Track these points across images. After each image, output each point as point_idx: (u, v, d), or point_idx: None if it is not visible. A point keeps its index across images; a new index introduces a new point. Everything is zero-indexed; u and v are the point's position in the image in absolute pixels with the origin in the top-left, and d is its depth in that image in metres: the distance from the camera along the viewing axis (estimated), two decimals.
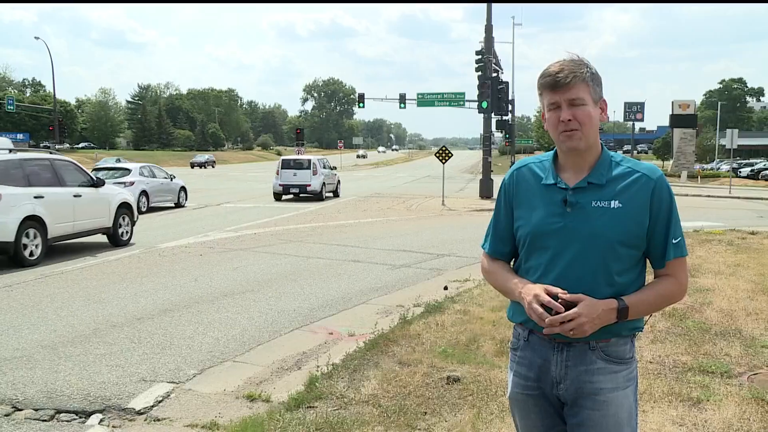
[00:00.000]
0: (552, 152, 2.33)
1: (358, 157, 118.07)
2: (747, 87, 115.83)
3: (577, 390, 2.21)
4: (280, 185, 26.73)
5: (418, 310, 7.47)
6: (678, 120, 52.38)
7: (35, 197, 11.08)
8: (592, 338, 2.16)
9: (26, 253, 10.77)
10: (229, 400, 5.02)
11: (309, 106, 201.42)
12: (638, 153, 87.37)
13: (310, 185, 26.52)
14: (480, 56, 29.96)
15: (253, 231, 15.87)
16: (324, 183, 27.43)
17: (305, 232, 15.93)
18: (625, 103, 57.70)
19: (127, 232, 13.83)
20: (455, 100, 42.19)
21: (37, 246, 11.01)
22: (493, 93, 29.04)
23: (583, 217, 2.15)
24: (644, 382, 4.90)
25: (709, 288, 8.31)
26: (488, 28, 30.18)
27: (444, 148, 25.90)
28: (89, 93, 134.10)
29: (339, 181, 30.34)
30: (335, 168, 30.83)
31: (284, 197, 26.97)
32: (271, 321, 7.45)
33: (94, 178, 13.19)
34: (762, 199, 30.82)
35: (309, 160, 27.31)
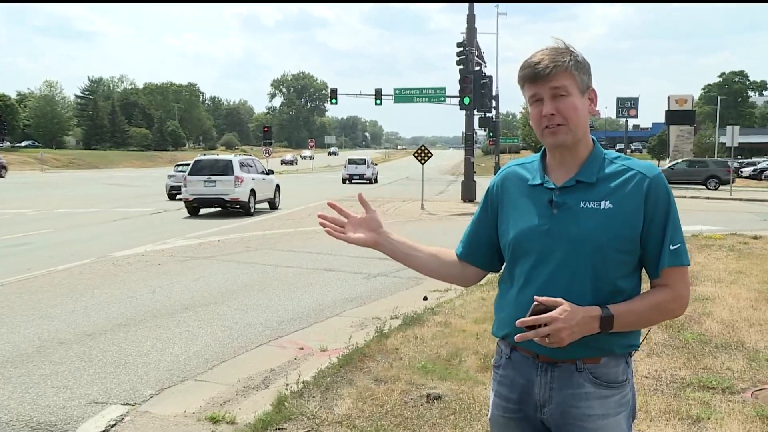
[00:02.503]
0: (540, 152, 2.31)
1: (329, 155, 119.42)
2: (749, 80, 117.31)
3: (562, 415, 2.15)
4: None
5: (396, 323, 7.47)
6: (674, 116, 53.14)
7: (252, 179, 22.48)
8: (577, 356, 2.11)
9: (250, 207, 21.97)
10: (190, 422, 4.97)
11: (277, 102, 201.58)
12: (632, 152, 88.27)
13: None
14: (461, 48, 30.06)
15: (217, 238, 15.78)
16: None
17: (273, 238, 15.88)
18: (618, 99, 58.34)
19: (278, 202, 25.03)
20: (435, 95, 42.38)
21: (253, 205, 22.25)
22: (476, 88, 29.17)
23: (570, 219, 2.11)
24: (640, 399, 4.93)
25: (708, 297, 8.40)
26: (470, 18, 30.36)
27: (423, 148, 25.96)
28: (33, 86, 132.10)
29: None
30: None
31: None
32: (237, 335, 7.42)
33: (267, 170, 25.13)
34: (765, 201, 31.24)
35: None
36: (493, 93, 38.99)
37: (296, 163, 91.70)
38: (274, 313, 8.46)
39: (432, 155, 26.22)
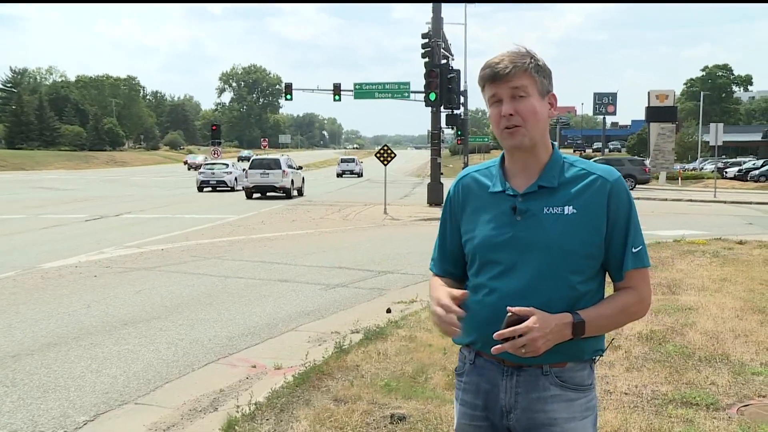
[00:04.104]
0: (499, 157, 2.43)
1: (239, 159, 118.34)
2: (733, 75, 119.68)
3: (529, 420, 2.28)
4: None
5: (357, 337, 7.47)
6: (655, 113, 53.89)
7: (291, 173, 34.01)
8: (545, 361, 2.24)
9: (292, 192, 33.64)
10: None
11: (226, 97, 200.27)
12: (610, 151, 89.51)
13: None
14: (427, 40, 30.16)
15: (160, 246, 15.62)
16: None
17: (223, 247, 15.79)
18: (595, 94, 59.33)
19: (304, 190, 35.85)
20: (398, 91, 42.56)
21: (291, 190, 33.46)
22: (443, 83, 29.31)
23: (535, 226, 2.25)
24: (619, 417, 5.01)
25: (691, 306, 8.55)
26: (436, 7, 30.46)
27: (386, 148, 26.04)
28: None
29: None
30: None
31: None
32: (182, 353, 7.36)
33: (296, 166, 36.33)
34: (751, 203, 31.94)
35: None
36: (461, 88, 39.24)
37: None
38: (224, 329, 8.40)
39: (395, 155, 26.35)
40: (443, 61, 30.81)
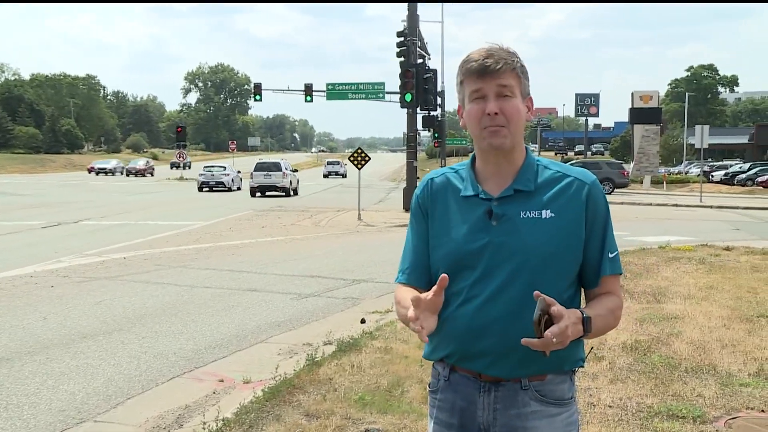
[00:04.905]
0: (469, 160, 2.42)
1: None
2: (719, 75, 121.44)
3: None
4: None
5: (330, 349, 7.48)
6: (639, 115, 54.51)
7: (289, 174, 40.94)
8: (524, 374, 2.24)
9: (290, 191, 40.40)
10: None
11: (192, 98, 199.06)
12: (593, 154, 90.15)
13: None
14: (402, 38, 30.21)
15: (121, 255, 15.52)
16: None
17: (188, 255, 15.72)
18: (577, 95, 59.75)
19: (298, 189, 42.25)
20: (373, 92, 42.61)
21: (290, 190, 40.17)
22: (419, 83, 29.38)
23: (512, 231, 2.24)
24: (603, 431, 5.04)
25: (677, 315, 8.62)
26: (412, 6, 30.57)
27: (360, 151, 26.05)
28: None
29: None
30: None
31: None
32: (146, 367, 7.31)
33: (292, 168, 43.03)
34: (738, 208, 32.34)
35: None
36: (439, 89, 39.28)
37: (152, 173, 74.93)
38: (190, 341, 8.37)
39: (370, 159, 26.37)
40: (419, 61, 30.88)
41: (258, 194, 39.46)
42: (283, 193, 39.74)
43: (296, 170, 45.30)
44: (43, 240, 18.61)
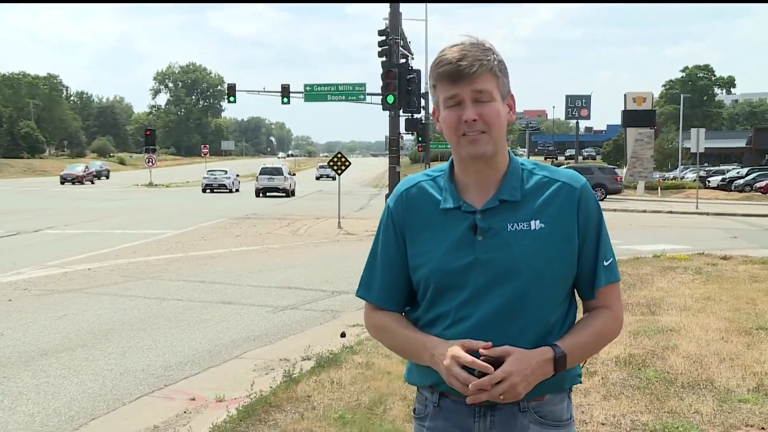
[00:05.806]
0: (446, 165, 2.34)
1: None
2: (715, 76, 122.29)
3: None
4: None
5: (308, 365, 7.45)
6: (632, 117, 54.90)
7: (289, 177, 49.96)
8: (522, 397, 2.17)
9: (290, 192, 49.07)
10: None
11: (162, 99, 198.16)
12: (584, 158, 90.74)
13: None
14: (384, 37, 30.21)
15: (86, 266, 15.42)
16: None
17: (158, 265, 15.65)
18: (567, 97, 59.98)
19: (295, 191, 50.88)
20: (353, 93, 42.71)
21: (290, 191, 48.98)
22: (401, 84, 29.35)
23: (500, 246, 2.17)
24: None
25: (673, 328, 8.65)
26: (394, 4, 30.63)
27: (340, 155, 26.04)
28: None
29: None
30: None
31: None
32: (112, 386, 7.27)
33: (291, 173, 53.42)
34: (736, 215, 32.58)
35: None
36: (422, 90, 39.31)
37: (92, 180, 69.82)
38: (159, 357, 8.33)
39: (350, 164, 26.37)
40: (402, 61, 30.88)
41: (261, 195, 46.45)
42: (284, 194, 47.40)
43: (294, 174, 55.78)
44: (0, 250, 18.47)
